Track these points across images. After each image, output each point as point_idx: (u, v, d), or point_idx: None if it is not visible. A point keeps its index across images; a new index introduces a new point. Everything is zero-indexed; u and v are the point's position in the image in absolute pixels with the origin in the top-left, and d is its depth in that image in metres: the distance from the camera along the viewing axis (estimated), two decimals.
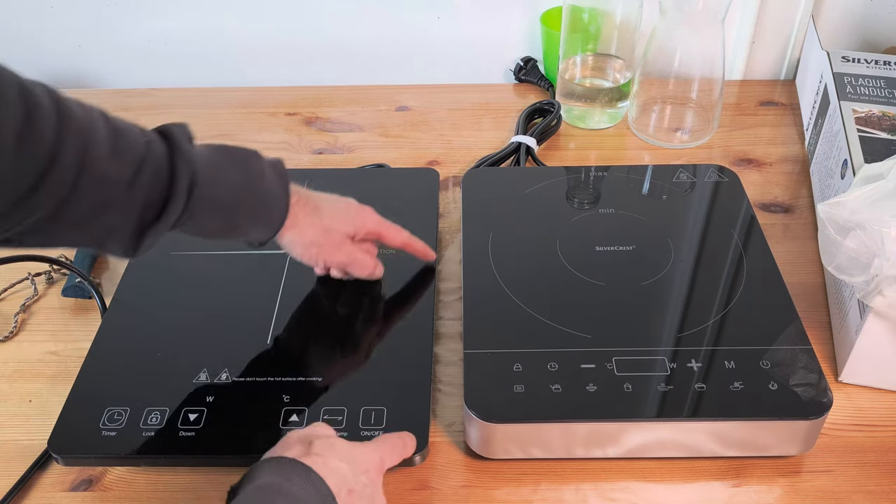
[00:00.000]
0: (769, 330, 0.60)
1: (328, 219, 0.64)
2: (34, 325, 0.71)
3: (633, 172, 0.78)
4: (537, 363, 0.58)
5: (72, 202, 0.47)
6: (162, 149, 0.52)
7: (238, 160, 0.57)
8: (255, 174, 0.57)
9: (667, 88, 0.89)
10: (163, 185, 0.51)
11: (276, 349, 0.64)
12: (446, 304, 0.71)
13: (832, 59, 0.84)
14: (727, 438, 0.56)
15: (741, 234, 0.70)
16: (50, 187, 0.46)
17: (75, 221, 0.48)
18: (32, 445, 0.60)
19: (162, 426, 0.58)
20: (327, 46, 1.03)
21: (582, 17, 0.89)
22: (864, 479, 0.57)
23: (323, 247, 0.64)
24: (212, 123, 0.96)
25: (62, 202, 0.47)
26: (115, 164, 0.49)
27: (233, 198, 0.56)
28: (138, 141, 0.51)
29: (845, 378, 0.63)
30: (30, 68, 1.16)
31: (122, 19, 1.00)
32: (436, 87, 1.02)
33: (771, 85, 1.00)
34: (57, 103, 0.46)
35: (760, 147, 0.90)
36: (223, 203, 0.55)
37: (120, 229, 0.51)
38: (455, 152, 0.91)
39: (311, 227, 0.63)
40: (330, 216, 0.64)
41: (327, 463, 0.47)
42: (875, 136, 0.73)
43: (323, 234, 0.64)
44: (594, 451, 0.57)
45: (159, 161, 0.51)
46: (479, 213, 0.73)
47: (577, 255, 0.68)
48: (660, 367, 0.58)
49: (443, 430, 0.61)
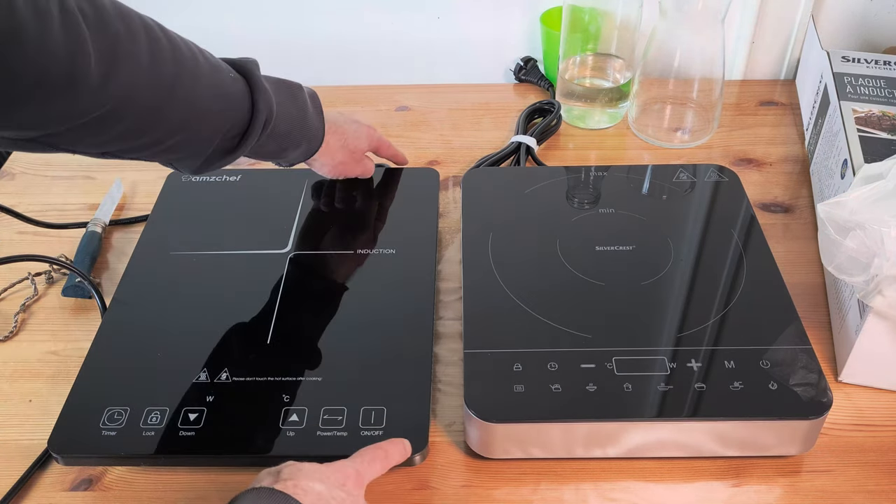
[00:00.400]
0: (769, 330, 0.60)
1: (352, 141, 0.75)
2: (34, 324, 0.71)
3: (633, 172, 0.78)
4: (537, 363, 0.58)
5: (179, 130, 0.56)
6: (244, 87, 0.59)
7: (293, 95, 0.65)
8: (304, 108, 0.66)
9: (667, 88, 0.89)
10: (243, 120, 0.59)
11: (276, 349, 0.64)
12: (446, 304, 0.71)
13: (832, 59, 0.84)
14: (727, 438, 0.56)
15: (741, 234, 0.70)
16: (165, 116, 0.54)
17: (173, 127, 0.55)
18: (32, 445, 0.60)
19: (162, 426, 0.58)
20: (327, 46, 1.03)
21: (582, 17, 0.89)
22: (864, 479, 0.57)
23: (347, 164, 0.76)
24: None
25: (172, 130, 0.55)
26: (209, 98, 0.56)
27: (289, 130, 0.65)
28: (227, 78, 0.58)
29: (845, 378, 0.63)
30: None
31: None
32: (436, 87, 1.02)
33: (771, 85, 1.01)
34: (170, 41, 0.54)
35: (760, 147, 0.90)
36: (282, 134, 0.64)
37: (198, 152, 0.59)
38: (455, 152, 0.91)
39: (340, 151, 0.74)
40: (353, 138, 0.75)
41: (299, 485, 0.47)
42: (875, 136, 0.73)
43: (349, 155, 0.75)
44: (594, 450, 0.57)
45: (243, 100, 0.59)
46: (479, 213, 0.73)
47: (577, 255, 0.68)
48: (660, 367, 0.58)
49: (443, 430, 0.61)
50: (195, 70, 0.55)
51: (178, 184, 0.81)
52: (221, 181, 0.81)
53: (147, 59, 0.51)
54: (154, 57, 0.52)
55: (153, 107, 0.53)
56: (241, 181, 0.81)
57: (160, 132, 0.55)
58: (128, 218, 0.82)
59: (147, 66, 0.51)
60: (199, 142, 0.58)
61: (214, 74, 0.57)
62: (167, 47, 0.53)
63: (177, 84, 0.54)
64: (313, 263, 0.71)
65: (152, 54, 0.52)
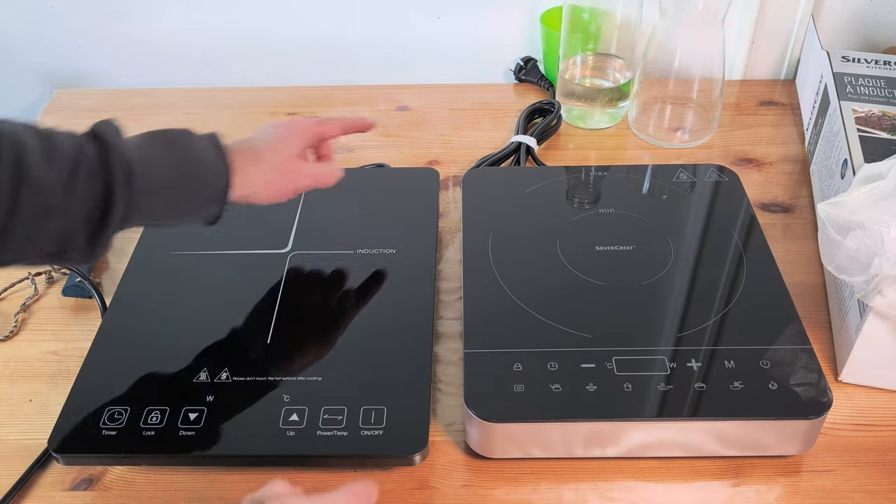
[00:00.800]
0: (769, 330, 0.60)
1: (270, 156, 0.62)
2: (34, 324, 0.71)
3: (633, 172, 0.78)
4: (537, 363, 0.58)
5: (15, 213, 0.48)
6: (93, 149, 0.52)
7: (170, 142, 0.57)
8: (190, 150, 0.57)
9: (667, 88, 0.89)
10: (100, 184, 0.51)
11: (276, 349, 0.64)
12: (446, 304, 0.71)
13: (832, 59, 0.84)
14: (727, 438, 0.56)
15: (741, 234, 0.70)
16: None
17: (23, 234, 0.49)
18: (32, 445, 0.60)
19: (162, 426, 0.58)
20: (327, 46, 1.03)
21: (582, 17, 0.89)
22: (864, 479, 0.57)
23: (281, 183, 0.63)
24: (212, 123, 0.95)
25: (6, 214, 0.48)
26: (49, 169, 0.49)
27: (171, 179, 0.55)
28: (69, 145, 0.51)
29: (845, 378, 0.63)
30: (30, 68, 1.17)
31: (122, 19, 1.00)
32: (436, 87, 1.02)
33: (771, 85, 1.01)
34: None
35: (760, 147, 0.90)
36: (163, 187, 0.55)
37: (72, 235, 0.51)
38: (455, 152, 0.91)
39: (259, 175, 0.61)
40: (270, 152, 0.63)
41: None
42: (875, 136, 0.73)
43: (275, 173, 0.62)
44: (594, 450, 0.57)
45: (92, 161, 0.51)
46: (479, 213, 0.73)
47: (577, 255, 0.68)
48: (660, 367, 0.58)
49: (443, 430, 0.61)
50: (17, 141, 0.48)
51: None
52: None
53: None
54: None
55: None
56: None
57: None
58: None
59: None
60: (56, 223, 0.50)
61: (48, 143, 0.50)
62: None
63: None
64: (313, 263, 0.71)
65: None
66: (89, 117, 0.96)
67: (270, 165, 0.62)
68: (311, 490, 0.47)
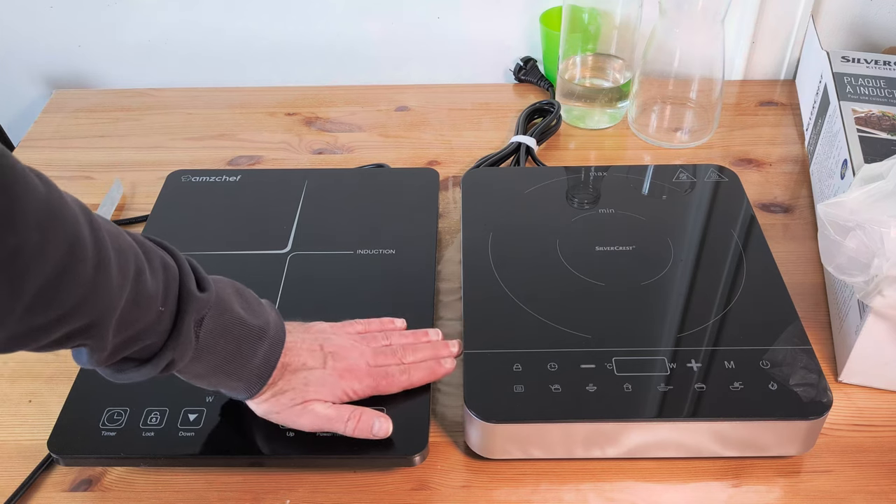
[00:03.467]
0: (769, 330, 0.60)
1: (313, 389, 0.57)
2: None
3: (633, 172, 0.78)
4: (537, 363, 0.58)
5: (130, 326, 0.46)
6: (168, 325, 0.49)
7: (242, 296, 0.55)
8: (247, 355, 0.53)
9: (667, 88, 0.89)
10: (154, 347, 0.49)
11: None
12: (446, 304, 0.71)
13: (832, 59, 0.84)
14: (727, 438, 0.56)
15: (741, 234, 0.70)
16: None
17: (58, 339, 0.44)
18: (32, 445, 0.60)
19: (161, 427, 0.58)
20: (327, 46, 1.03)
21: (582, 17, 0.89)
22: (864, 479, 0.57)
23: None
24: (212, 123, 0.96)
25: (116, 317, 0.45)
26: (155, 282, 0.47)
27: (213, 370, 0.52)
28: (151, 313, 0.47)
29: (845, 378, 0.63)
30: (30, 68, 1.17)
31: (122, 19, 1.00)
32: (436, 87, 1.02)
33: (771, 85, 1.00)
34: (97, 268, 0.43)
35: (760, 147, 0.90)
36: (199, 376, 0.53)
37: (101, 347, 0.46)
38: (455, 152, 0.91)
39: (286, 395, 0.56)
40: (315, 387, 0.57)
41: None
42: (875, 136, 0.73)
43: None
44: (594, 451, 0.57)
45: (159, 335, 0.48)
46: (479, 213, 0.73)
47: (577, 255, 0.68)
48: (660, 368, 0.58)
49: (443, 430, 0.61)
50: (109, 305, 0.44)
51: (178, 184, 0.81)
52: (221, 181, 0.81)
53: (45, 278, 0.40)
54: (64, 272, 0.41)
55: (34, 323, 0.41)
56: (241, 181, 0.81)
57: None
58: (127, 218, 0.82)
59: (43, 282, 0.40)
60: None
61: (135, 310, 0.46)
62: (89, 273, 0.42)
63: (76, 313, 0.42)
64: (313, 263, 0.71)
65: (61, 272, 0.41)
66: (89, 117, 0.97)
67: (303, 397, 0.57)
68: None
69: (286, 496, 0.57)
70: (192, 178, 0.81)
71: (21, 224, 0.38)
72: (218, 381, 0.53)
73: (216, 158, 0.90)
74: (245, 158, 0.91)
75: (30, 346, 0.42)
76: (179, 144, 0.93)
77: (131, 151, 0.92)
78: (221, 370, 0.52)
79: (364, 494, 0.57)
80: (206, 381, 0.53)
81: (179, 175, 0.82)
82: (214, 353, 0.51)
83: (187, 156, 0.91)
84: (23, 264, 0.38)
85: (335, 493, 0.57)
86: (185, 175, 0.81)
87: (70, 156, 0.91)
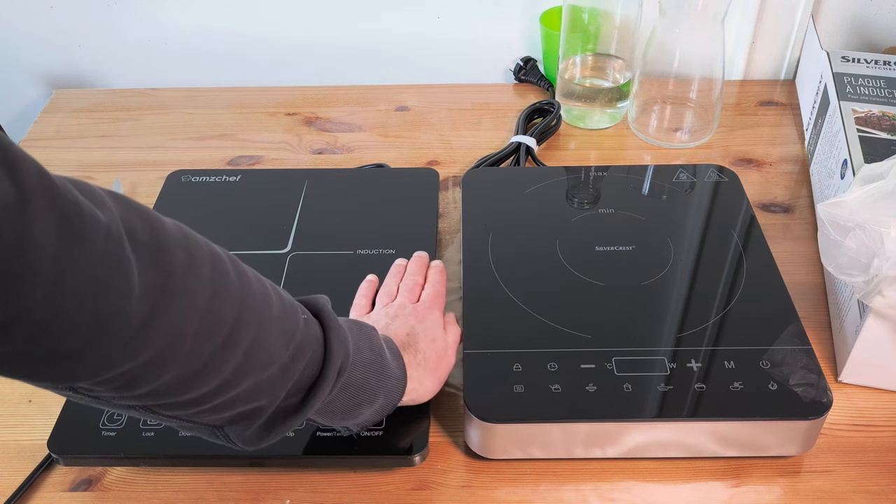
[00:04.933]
0: (769, 330, 0.60)
1: (430, 349, 0.58)
2: None
3: (633, 172, 0.78)
4: (537, 363, 0.58)
5: (232, 385, 0.42)
6: (318, 331, 0.47)
7: (367, 336, 0.53)
8: (381, 352, 0.53)
9: (667, 88, 0.89)
10: (314, 369, 0.46)
11: None
12: (446, 304, 0.71)
13: (832, 59, 0.84)
14: (727, 438, 0.56)
15: (741, 234, 0.70)
16: (217, 368, 0.41)
17: (220, 405, 0.43)
18: (32, 445, 0.60)
19: (162, 426, 0.58)
20: (327, 46, 1.03)
21: (582, 17, 0.89)
22: (864, 479, 0.57)
23: (441, 378, 0.60)
24: (212, 123, 0.96)
25: (223, 385, 0.42)
26: (278, 347, 0.44)
27: (365, 379, 0.51)
28: (300, 321, 0.46)
29: (845, 378, 0.63)
30: (30, 68, 1.16)
31: (122, 19, 1.00)
32: (436, 87, 1.02)
33: (771, 85, 1.00)
34: (240, 276, 0.43)
35: (760, 147, 0.90)
36: (357, 385, 0.50)
37: (255, 417, 0.45)
38: (455, 152, 0.91)
39: (429, 382, 0.58)
40: (430, 344, 0.59)
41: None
42: (875, 136, 0.73)
43: (439, 371, 0.59)
44: (594, 451, 0.57)
45: (315, 343, 0.47)
46: (479, 213, 0.73)
47: (577, 255, 0.68)
48: (659, 367, 0.58)
49: (443, 430, 0.61)
50: (265, 313, 0.43)
51: (178, 184, 0.81)
52: (221, 181, 0.81)
53: (205, 300, 0.39)
54: (216, 295, 0.40)
55: (203, 357, 0.40)
56: (241, 181, 0.81)
57: (207, 387, 0.41)
58: None
59: (204, 306, 0.39)
60: (256, 399, 0.44)
61: (286, 318, 0.45)
62: (235, 284, 0.42)
63: (239, 328, 0.41)
64: (313, 263, 0.71)
65: (214, 293, 0.40)
66: (89, 117, 0.97)
67: (438, 375, 0.59)
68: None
69: (286, 496, 0.57)
70: (192, 178, 0.81)
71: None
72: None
73: (216, 158, 0.90)
74: (245, 158, 0.91)
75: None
76: (179, 144, 0.93)
77: (131, 151, 0.92)
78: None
79: (364, 494, 0.57)
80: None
81: (179, 175, 0.82)
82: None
83: (187, 156, 0.91)
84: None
85: (335, 493, 0.57)
86: (185, 175, 0.81)
87: (70, 156, 0.91)
